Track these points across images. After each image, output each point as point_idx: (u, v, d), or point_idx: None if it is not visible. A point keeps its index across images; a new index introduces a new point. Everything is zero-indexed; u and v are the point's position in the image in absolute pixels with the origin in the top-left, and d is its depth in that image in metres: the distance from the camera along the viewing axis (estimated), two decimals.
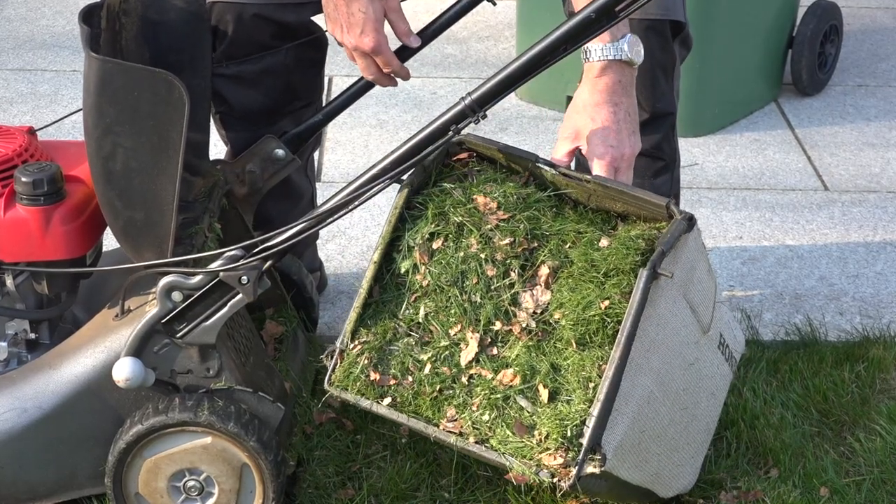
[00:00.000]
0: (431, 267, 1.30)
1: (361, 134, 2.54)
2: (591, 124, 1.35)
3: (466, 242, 1.30)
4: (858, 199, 2.34)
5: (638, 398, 1.25)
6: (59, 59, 2.85)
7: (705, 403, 1.44)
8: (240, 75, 1.66)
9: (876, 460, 1.60)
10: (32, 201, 1.40)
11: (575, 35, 1.27)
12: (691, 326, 1.36)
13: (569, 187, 1.34)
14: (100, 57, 1.27)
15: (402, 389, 1.29)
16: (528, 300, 1.28)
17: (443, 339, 1.29)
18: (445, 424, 1.27)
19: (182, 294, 1.36)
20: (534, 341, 1.27)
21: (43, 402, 1.41)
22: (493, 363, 1.28)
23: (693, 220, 1.29)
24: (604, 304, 1.25)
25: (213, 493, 1.41)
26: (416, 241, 1.32)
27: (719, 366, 1.47)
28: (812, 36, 2.70)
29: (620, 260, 1.26)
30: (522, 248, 1.30)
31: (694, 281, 1.35)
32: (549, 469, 1.21)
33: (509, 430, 1.24)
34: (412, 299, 1.31)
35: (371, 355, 1.30)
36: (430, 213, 1.32)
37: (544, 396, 1.24)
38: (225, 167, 1.61)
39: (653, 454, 1.33)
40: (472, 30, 3.06)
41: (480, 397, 1.26)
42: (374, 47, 1.38)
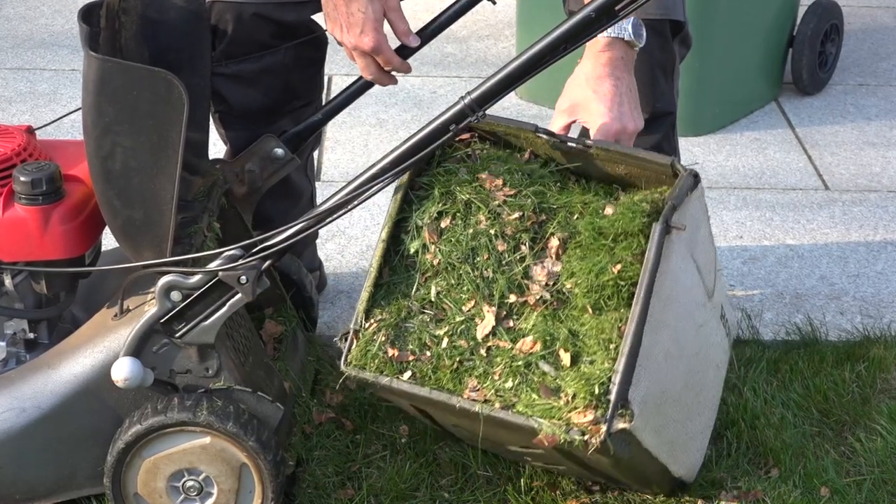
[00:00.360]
0: (441, 245, 1.30)
1: (361, 133, 2.54)
2: (594, 96, 1.36)
3: (475, 219, 1.31)
4: (859, 199, 2.34)
5: (657, 355, 1.26)
6: (58, 58, 2.85)
7: (712, 374, 1.45)
8: (239, 74, 1.66)
9: (877, 460, 1.60)
10: (31, 201, 1.40)
11: (575, 34, 1.27)
12: (699, 287, 1.37)
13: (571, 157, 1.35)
14: (99, 56, 1.26)
15: (421, 364, 1.29)
16: (540, 272, 1.28)
17: (457, 315, 1.29)
18: (469, 394, 1.26)
19: (181, 294, 1.36)
20: (549, 311, 1.28)
21: (42, 401, 1.40)
22: (510, 335, 1.28)
23: (698, 178, 1.30)
24: (616, 268, 1.26)
25: (212, 493, 1.41)
26: (423, 220, 1.32)
27: (721, 338, 1.48)
28: (812, 35, 2.70)
29: (627, 223, 1.27)
30: (531, 221, 1.31)
31: (699, 241, 1.36)
32: (578, 427, 1.21)
33: (534, 393, 1.24)
34: (423, 279, 1.31)
35: (388, 332, 1.30)
36: (437, 193, 1.32)
37: (566, 360, 1.24)
38: (224, 166, 1.61)
39: (671, 420, 1.34)
40: (471, 29, 3.05)
41: (501, 366, 1.26)
42: (374, 47, 1.38)
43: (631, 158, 1.32)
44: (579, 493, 1.53)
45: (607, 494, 1.54)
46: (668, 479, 1.44)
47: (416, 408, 1.40)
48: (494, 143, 1.39)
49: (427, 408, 1.36)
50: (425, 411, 1.40)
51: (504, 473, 1.56)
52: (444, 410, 1.32)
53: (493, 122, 1.36)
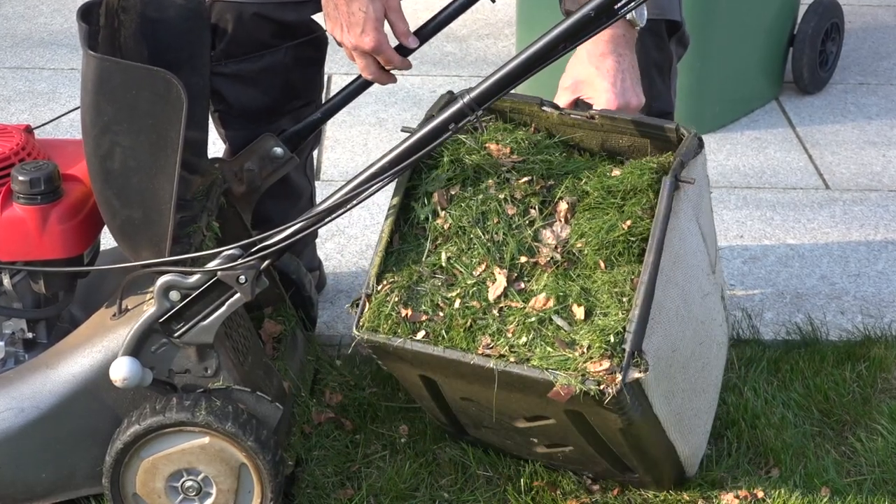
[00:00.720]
0: (452, 210, 1.31)
1: (360, 132, 2.53)
2: (596, 72, 1.37)
3: (484, 185, 1.31)
4: (860, 198, 2.33)
5: (668, 310, 1.27)
6: (57, 57, 2.84)
7: (716, 351, 1.45)
8: (239, 74, 1.65)
9: (877, 460, 1.60)
10: (29, 200, 1.39)
11: (574, 33, 1.27)
12: (703, 254, 1.38)
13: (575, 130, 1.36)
14: (98, 55, 1.26)
15: (435, 324, 1.29)
16: (549, 236, 1.29)
17: (468, 279, 1.30)
18: (483, 350, 1.27)
19: (180, 293, 1.35)
20: (560, 271, 1.29)
21: (40, 401, 1.40)
22: (521, 296, 1.29)
23: (702, 141, 1.31)
24: (626, 223, 1.27)
25: (210, 493, 1.41)
26: (434, 187, 1.33)
27: (723, 319, 1.48)
28: (813, 34, 2.69)
29: (636, 179, 1.29)
30: (540, 185, 1.32)
31: (702, 209, 1.37)
32: (594, 377, 1.22)
33: (549, 347, 1.25)
34: (433, 245, 1.31)
35: (401, 293, 1.30)
36: (446, 160, 1.33)
37: (580, 314, 1.25)
38: (223, 165, 1.61)
39: (679, 388, 1.34)
40: (471, 28, 3.05)
41: (514, 323, 1.27)
42: (375, 46, 1.38)
43: (635, 125, 1.33)
44: (579, 493, 1.53)
45: (607, 494, 1.53)
46: (673, 461, 1.43)
47: (424, 379, 1.38)
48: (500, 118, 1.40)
49: (438, 374, 1.35)
50: (434, 384, 1.39)
51: (504, 473, 1.56)
52: (455, 374, 1.31)
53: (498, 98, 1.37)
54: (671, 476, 1.49)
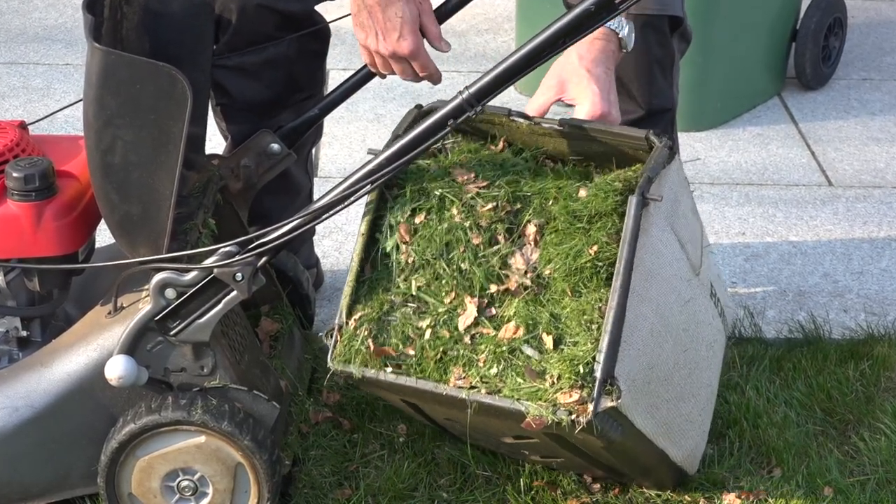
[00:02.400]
0: (415, 244, 1.31)
1: (359, 128, 2.52)
2: (587, 75, 1.36)
3: (449, 213, 1.31)
4: (863, 195, 2.32)
5: (642, 330, 1.26)
6: (52, 52, 2.83)
7: (705, 353, 1.44)
8: (242, 66, 1.64)
9: (881, 460, 1.59)
10: (24, 197, 1.38)
11: (574, 28, 1.26)
12: (682, 262, 1.36)
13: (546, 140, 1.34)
14: (103, 48, 1.25)
15: (405, 356, 1.29)
16: (519, 260, 1.29)
17: (439, 307, 1.30)
18: (455, 382, 1.27)
19: (175, 291, 1.34)
20: (531, 296, 1.28)
21: (35, 400, 1.39)
22: (492, 322, 1.28)
23: (674, 150, 1.30)
24: (592, 249, 1.26)
25: (207, 493, 1.40)
26: (397, 219, 1.32)
27: (713, 317, 1.46)
28: (816, 29, 2.68)
29: (600, 204, 1.28)
30: (506, 211, 1.31)
31: (679, 215, 1.35)
32: (565, 407, 1.21)
33: (519, 377, 1.24)
34: (402, 275, 1.31)
35: (370, 326, 1.31)
36: (409, 190, 1.32)
37: (549, 343, 1.25)
38: (220, 162, 1.59)
39: (662, 400, 1.33)
40: (470, 23, 3.03)
41: (485, 353, 1.27)
42: (412, 50, 1.37)
43: (605, 134, 1.32)
44: (580, 493, 1.52)
45: (608, 494, 1.52)
46: (668, 465, 1.42)
47: (407, 403, 1.39)
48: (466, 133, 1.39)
49: (416, 400, 1.36)
50: (416, 406, 1.40)
51: (503, 473, 1.55)
52: (432, 401, 1.32)
53: None
54: (670, 477, 1.48)
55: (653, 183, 1.25)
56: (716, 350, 1.48)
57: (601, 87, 1.36)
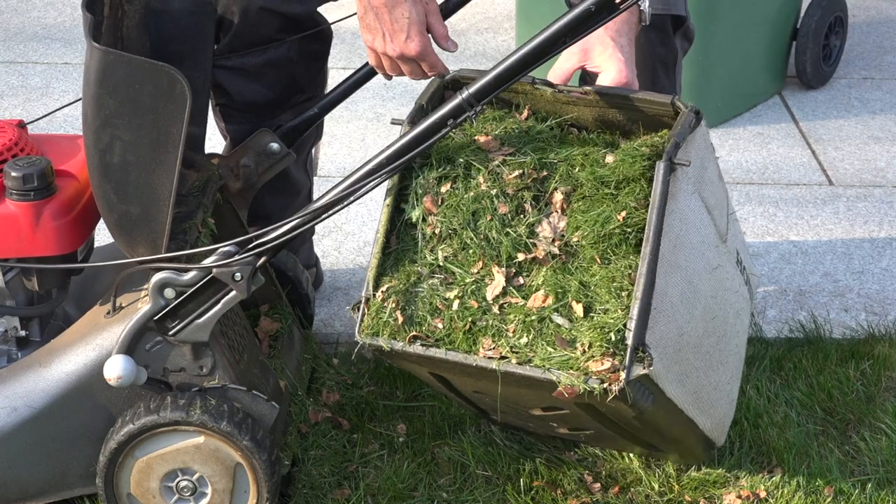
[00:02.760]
0: (442, 213, 1.30)
1: (358, 128, 2.51)
2: (612, 44, 1.36)
3: (475, 181, 1.30)
4: (864, 194, 2.31)
5: (672, 296, 1.25)
6: (51, 51, 2.82)
7: (733, 321, 1.43)
8: (243, 67, 1.64)
9: (881, 459, 1.59)
10: (22, 196, 1.38)
11: (575, 27, 1.25)
12: (710, 228, 1.35)
13: (570, 108, 1.33)
14: (102, 47, 1.24)
15: (434, 328, 1.28)
16: (546, 228, 1.28)
17: (467, 277, 1.29)
18: (484, 353, 1.26)
19: (174, 291, 1.34)
20: (559, 265, 1.27)
21: (33, 400, 1.39)
22: (521, 292, 1.27)
23: (700, 115, 1.29)
24: (621, 215, 1.25)
25: (206, 493, 1.39)
26: (423, 188, 1.31)
27: (740, 285, 1.45)
28: (816, 28, 2.67)
29: (628, 169, 1.26)
30: (532, 178, 1.29)
31: (706, 181, 1.34)
32: (597, 376, 1.21)
33: (550, 347, 1.24)
34: (428, 246, 1.30)
35: (398, 298, 1.29)
36: (434, 159, 1.31)
37: (579, 311, 1.24)
38: (219, 161, 1.59)
39: (692, 368, 1.32)
40: (470, 21, 3.03)
41: (515, 323, 1.26)
42: (420, 51, 1.36)
43: (631, 101, 1.31)
44: (580, 493, 1.51)
45: (608, 494, 1.52)
46: (697, 435, 1.41)
47: (435, 375, 1.38)
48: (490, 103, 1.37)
49: (445, 372, 1.35)
50: (445, 379, 1.38)
51: (503, 473, 1.55)
52: (461, 373, 1.31)
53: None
54: (698, 448, 1.47)
55: (680, 148, 1.24)
56: (742, 318, 1.47)
57: (625, 55, 1.35)
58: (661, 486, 1.52)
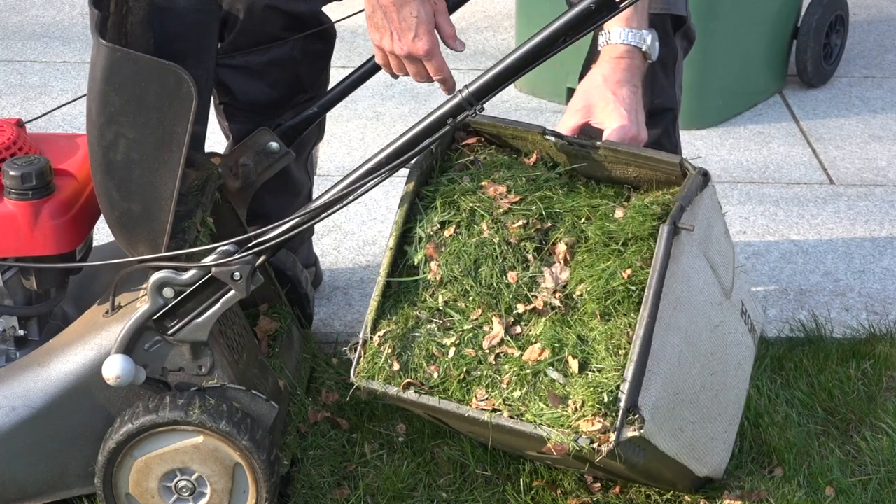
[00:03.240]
0: (443, 259, 1.30)
1: (358, 126, 2.51)
2: (613, 98, 1.35)
3: (478, 228, 1.30)
4: (865, 193, 2.31)
5: (669, 358, 1.25)
6: (49, 49, 2.81)
7: (733, 373, 1.43)
8: (246, 66, 1.64)
9: (882, 459, 1.58)
10: (21, 195, 1.38)
11: (575, 26, 1.25)
12: (714, 287, 1.35)
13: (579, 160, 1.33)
14: (109, 44, 1.24)
15: (429, 374, 1.28)
16: (548, 278, 1.27)
17: (465, 324, 1.29)
18: (477, 403, 1.26)
19: (173, 290, 1.33)
20: (558, 316, 1.27)
21: (32, 400, 1.38)
22: (517, 342, 1.27)
23: (708, 176, 1.29)
24: (626, 273, 1.25)
25: (205, 493, 1.39)
26: (426, 231, 1.31)
27: (743, 335, 1.46)
28: (817, 26, 2.66)
29: (637, 227, 1.26)
30: (536, 228, 1.29)
31: (712, 240, 1.35)
32: (587, 435, 1.21)
33: (542, 402, 1.24)
34: (429, 290, 1.30)
35: (394, 343, 1.30)
36: (439, 203, 1.32)
37: (574, 367, 1.24)
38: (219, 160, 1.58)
39: (687, 422, 1.33)
40: (470, 20, 3.02)
41: (510, 374, 1.26)
42: (428, 50, 1.35)
43: (639, 158, 1.31)
44: (580, 493, 1.51)
45: (609, 493, 1.51)
46: (692, 478, 1.42)
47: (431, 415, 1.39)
48: (500, 146, 1.38)
49: (439, 416, 1.36)
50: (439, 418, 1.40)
51: (503, 473, 1.54)
52: (455, 420, 1.32)
53: (500, 125, 1.36)
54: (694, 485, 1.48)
55: (685, 211, 1.24)
56: (744, 367, 1.47)
57: (628, 108, 1.34)
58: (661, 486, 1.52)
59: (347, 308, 1.90)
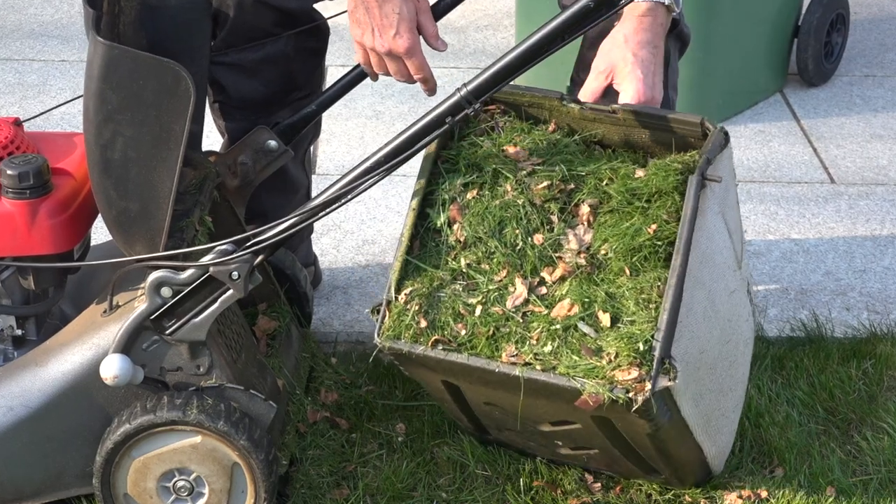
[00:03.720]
0: (467, 220, 1.29)
1: (357, 125, 2.50)
2: (633, 59, 1.34)
3: (502, 189, 1.29)
4: (865, 192, 2.30)
5: (696, 313, 1.25)
6: (48, 48, 2.81)
7: (742, 349, 1.43)
8: (240, 63, 1.63)
9: (884, 459, 1.58)
10: (18, 195, 1.37)
11: (574, 24, 1.25)
12: (730, 251, 1.36)
13: (596, 126, 1.33)
14: (106, 42, 1.23)
15: (456, 332, 1.27)
16: (573, 240, 1.27)
17: (489, 284, 1.28)
18: (507, 359, 1.25)
19: (171, 289, 1.33)
20: (584, 275, 1.26)
21: (29, 400, 1.38)
22: (544, 301, 1.27)
23: (728, 136, 1.29)
24: (651, 228, 1.25)
25: (203, 493, 1.39)
26: (449, 194, 1.30)
27: (748, 315, 1.46)
28: (818, 25, 2.66)
29: (661, 182, 1.26)
30: (559, 189, 1.29)
31: (728, 204, 1.35)
32: (622, 385, 1.20)
33: (575, 355, 1.23)
34: (452, 252, 1.30)
35: (420, 301, 1.29)
36: (462, 165, 1.31)
37: (605, 321, 1.24)
38: (217, 158, 1.58)
39: (707, 389, 1.32)
40: (470, 18, 3.02)
41: (539, 330, 1.25)
42: (409, 48, 1.35)
43: (659, 120, 1.31)
44: (580, 493, 1.51)
45: (609, 494, 1.51)
46: (700, 462, 1.42)
47: (447, 385, 1.37)
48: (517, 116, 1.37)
49: (461, 380, 1.33)
50: (456, 388, 1.37)
51: (503, 472, 1.54)
52: (479, 381, 1.29)
53: (518, 93, 1.35)
54: (697, 475, 1.47)
55: (711, 164, 1.24)
56: (749, 348, 1.48)
57: (645, 70, 1.33)
58: (662, 485, 1.52)
59: (347, 307, 1.90)
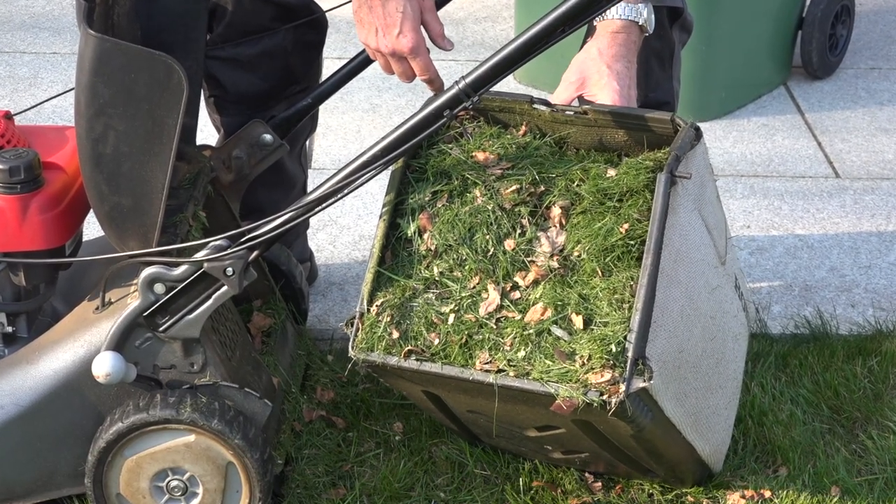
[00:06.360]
0: (437, 229, 1.29)
1: (353, 119, 2.48)
2: (607, 71, 1.35)
3: (471, 196, 1.29)
4: (871, 187, 2.28)
5: (672, 311, 1.24)
6: (39, 40, 2.79)
7: (731, 345, 1.42)
8: (237, 58, 1.62)
9: (889, 458, 1.56)
10: (9, 189, 1.36)
11: (573, 16, 1.23)
12: (709, 248, 1.35)
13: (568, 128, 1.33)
14: (97, 35, 1.22)
15: (429, 342, 1.27)
16: (545, 243, 1.26)
17: (462, 291, 1.27)
18: (481, 366, 1.24)
19: (165, 286, 1.31)
20: (557, 278, 1.26)
21: (20, 398, 1.37)
22: (517, 306, 1.26)
23: (699, 131, 1.29)
24: (623, 227, 1.24)
25: (197, 493, 1.37)
26: (418, 203, 1.30)
27: (738, 310, 1.45)
28: (822, 17, 2.63)
29: (632, 180, 1.26)
30: (529, 193, 1.28)
31: (705, 200, 1.34)
32: (596, 388, 1.19)
33: (548, 359, 1.22)
34: (424, 261, 1.29)
35: (392, 312, 1.28)
36: (431, 174, 1.30)
37: (579, 323, 1.23)
38: (211, 153, 1.56)
39: (691, 388, 1.31)
40: (468, 10, 3.00)
41: (512, 336, 1.24)
42: (413, 47, 1.33)
43: (629, 118, 1.30)
44: (580, 493, 1.49)
45: (609, 493, 1.49)
46: (695, 460, 1.41)
47: (429, 395, 1.36)
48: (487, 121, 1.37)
49: (440, 389, 1.33)
50: (439, 398, 1.37)
51: (502, 472, 1.52)
52: (456, 389, 1.29)
53: (487, 98, 1.34)
54: (695, 474, 1.46)
55: (681, 161, 1.23)
56: (740, 344, 1.47)
57: (620, 83, 1.34)
58: (663, 485, 1.50)
59: (343, 304, 1.88)
